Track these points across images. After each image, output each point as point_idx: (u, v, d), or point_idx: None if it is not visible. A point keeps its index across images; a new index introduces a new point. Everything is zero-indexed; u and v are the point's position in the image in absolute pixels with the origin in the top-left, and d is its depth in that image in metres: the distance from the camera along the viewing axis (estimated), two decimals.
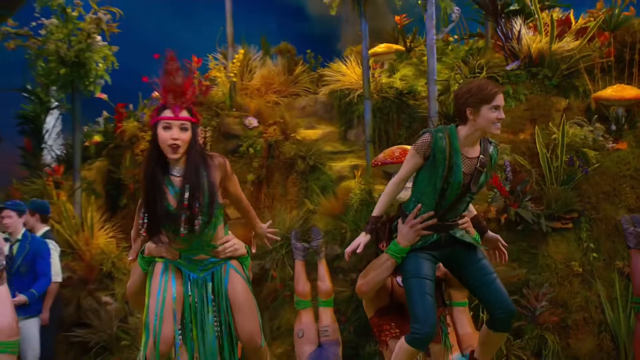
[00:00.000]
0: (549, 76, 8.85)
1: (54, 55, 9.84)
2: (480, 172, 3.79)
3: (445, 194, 3.77)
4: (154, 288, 3.73)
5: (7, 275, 7.13)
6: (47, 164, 11.43)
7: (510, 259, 7.48)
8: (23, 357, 7.31)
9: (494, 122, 3.79)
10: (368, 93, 9.50)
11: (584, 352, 7.31)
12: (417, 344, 3.61)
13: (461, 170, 3.75)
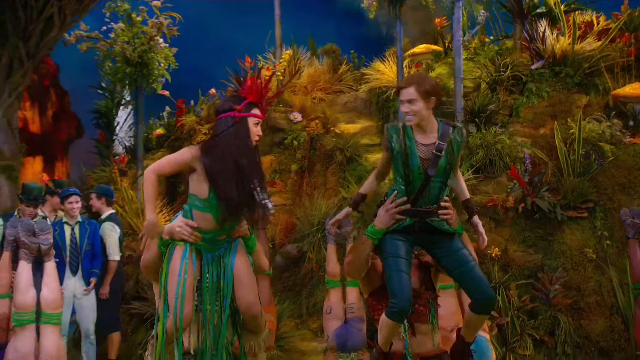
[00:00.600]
0: (570, 75, 8.88)
1: (120, 56, 10.23)
2: (438, 156, 3.78)
3: (409, 179, 3.80)
4: (174, 269, 3.82)
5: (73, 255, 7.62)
6: (117, 154, 11.91)
7: (527, 245, 7.68)
8: (81, 326, 7.73)
9: (404, 116, 3.86)
10: None
11: (596, 332, 7.34)
12: (394, 317, 3.70)
13: (417, 156, 3.77)
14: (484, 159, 8.25)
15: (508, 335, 7.27)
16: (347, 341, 6.41)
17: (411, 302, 3.72)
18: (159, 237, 3.94)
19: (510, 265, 7.56)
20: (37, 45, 9.99)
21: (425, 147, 3.79)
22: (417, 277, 4.19)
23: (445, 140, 3.80)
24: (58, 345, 5.38)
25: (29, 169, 21.09)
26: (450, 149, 3.82)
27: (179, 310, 3.78)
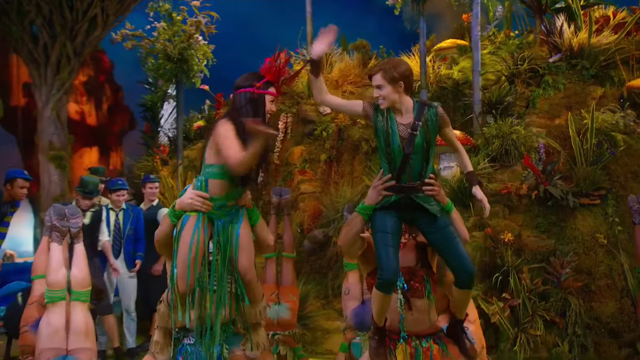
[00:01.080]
0: (587, 67, 8.81)
1: (162, 53, 10.54)
2: (414, 134, 3.80)
3: (391, 158, 3.83)
4: (186, 237, 3.87)
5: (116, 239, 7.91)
6: (160, 145, 12.22)
7: (540, 231, 7.68)
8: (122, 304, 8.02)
9: (376, 99, 3.90)
10: (424, 84, 9.71)
11: (606, 314, 7.28)
12: (383, 288, 3.74)
13: (397, 134, 3.81)
14: (499, 148, 8.24)
15: (520, 316, 7.28)
16: (364, 320, 6.51)
17: (397, 274, 3.77)
18: (171, 209, 4.05)
19: (524, 249, 7.52)
20: (82, 44, 10.32)
21: (404, 126, 3.83)
22: (414, 256, 4.17)
23: (421, 119, 3.83)
24: (86, 321, 5.57)
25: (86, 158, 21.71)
26: (426, 127, 3.84)
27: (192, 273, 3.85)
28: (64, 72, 10.28)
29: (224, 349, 3.99)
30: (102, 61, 22.16)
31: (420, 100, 3.97)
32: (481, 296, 7.40)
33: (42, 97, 10.43)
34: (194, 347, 3.97)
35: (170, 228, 4.02)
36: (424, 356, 3.92)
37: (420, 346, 3.93)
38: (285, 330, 6.82)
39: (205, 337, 3.93)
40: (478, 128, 8.79)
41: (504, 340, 7.30)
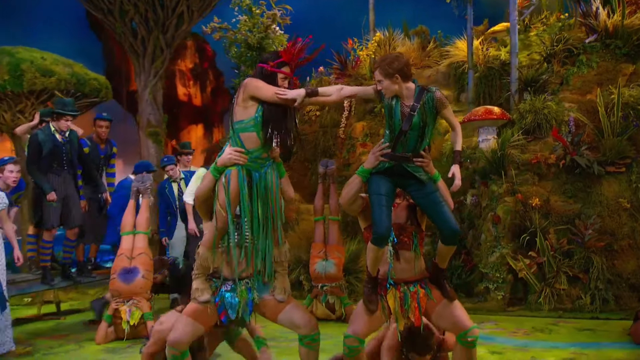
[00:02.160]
0: (619, 46, 8.65)
1: (243, 42, 11.03)
2: (412, 114, 3.95)
3: (392, 130, 4.01)
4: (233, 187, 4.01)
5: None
6: None
7: (567, 196, 7.75)
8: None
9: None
10: (471, 65, 9.78)
11: (628, 271, 7.33)
12: (376, 242, 3.90)
13: (399, 112, 3.97)
14: (532, 122, 8.29)
15: (546, 272, 7.40)
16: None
17: (390, 230, 3.93)
18: (213, 165, 4.13)
19: (551, 213, 7.60)
20: (172, 37, 10.91)
21: (406, 106, 3.99)
22: (405, 215, 4.36)
23: (419, 102, 3.98)
24: (145, 245, 6.87)
25: (193, 134, 22.67)
26: (423, 109, 3.99)
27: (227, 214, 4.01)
28: (157, 62, 10.93)
29: (255, 295, 4.14)
30: (205, 50, 22.96)
31: (421, 86, 4.08)
32: (510, 254, 7.57)
33: (141, 83, 11.16)
34: (230, 294, 4.10)
35: (211, 183, 4.13)
36: (412, 299, 4.07)
37: (408, 291, 4.09)
38: (332, 282, 7.22)
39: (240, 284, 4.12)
40: (514, 104, 8.85)
41: (532, 294, 7.46)
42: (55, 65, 9.64)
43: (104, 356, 5.99)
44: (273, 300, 4.18)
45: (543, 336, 6.26)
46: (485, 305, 7.61)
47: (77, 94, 9.70)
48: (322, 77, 11.76)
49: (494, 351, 5.70)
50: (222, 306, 4.05)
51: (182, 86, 22.06)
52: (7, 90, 9.38)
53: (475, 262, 7.93)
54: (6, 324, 5.82)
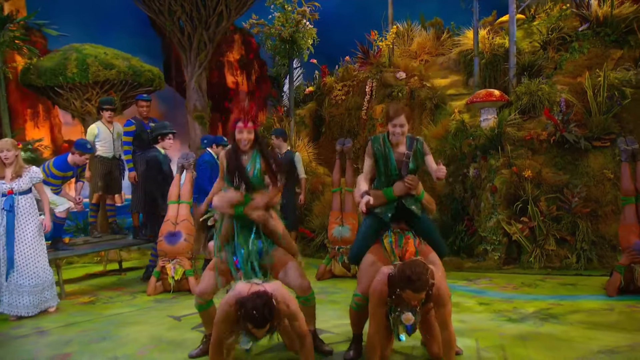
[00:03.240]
0: (609, 34, 8.65)
1: (277, 36, 11.28)
2: (407, 161, 4.20)
3: (388, 177, 4.25)
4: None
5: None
6: (283, 105, 13.00)
7: (557, 168, 7.85)
8: None
9: (394, 134, 4.22)
10: (477, 52, 9.86)
11: (610, 233, 7.40)
12: (350, 260, 4.55)
13: (394, 160, 4.21)
14: (527, 103, 8.37)
15: (537, 235, 7.56)
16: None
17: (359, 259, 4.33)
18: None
19: (542, 183, 7.69)
20: (214, 32, 11.20)
21: (399, 154, 4.25)
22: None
23: (411, 150, 4.25)
24: (187, 213, 7.23)
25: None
26: (415, 156, 4.26)
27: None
28: (202, 55, 11.27)
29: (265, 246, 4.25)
30: (251, 43, 23.31)
31: (410, 135, 4.33)
32: (505, 220, 7.74)
33: (188, 74, 11.55)
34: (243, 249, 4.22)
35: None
36: (405, 239, 4.25)
37: (402, 234, 4.28)
38: (347, 245, 7.46)
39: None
40: (512, 87, 8.94)
41: (524, 254, 7.61)
42: (115, 59, 10.08)
43: (153, 305, 6.44)
44: (282, 251, 4.34)
45: (529, 290, 6.44)
46: (484, 264, 7.80)
47: (134, 84, 10.12)
48: (347, 65, 11.96)
49: (482, 302, 5.93)
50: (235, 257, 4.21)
51: (230, 75, 22.50)
52: (76, 81, 9.85)
53: (476, 227, 8.11)
54: (50, 282, 6.13)
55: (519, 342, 4.49)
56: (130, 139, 8.21)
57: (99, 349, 4.72)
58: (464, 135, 8.59)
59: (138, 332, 5.24)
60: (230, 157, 4.23)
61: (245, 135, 4.15)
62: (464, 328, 4.93)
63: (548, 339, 4.55)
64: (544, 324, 4.99)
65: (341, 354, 4.31)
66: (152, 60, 11.89)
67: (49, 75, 9.72)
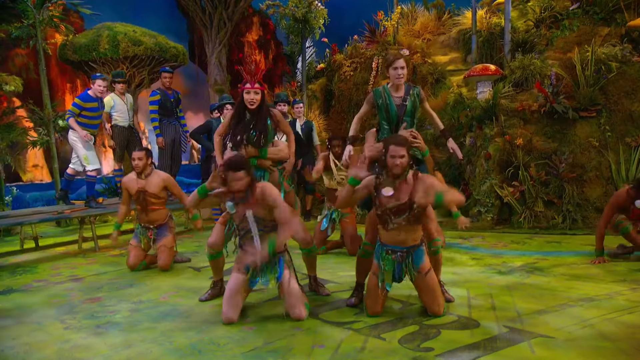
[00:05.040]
0: (597, 12, 8.43)
1: (291, 16, 11.13)
2: (405, 105, 4.15)
3: (390, 121, 4.19)
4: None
5: None
6: (297, 81, 12.86)
7: (547, 137, 7.72)
8: None
9: (395, 77, 4.13)
10: (475, 31, 9.63)
11: (594, 196, 7.34)
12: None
13: (393, 104, 4.16)
14: (520, 77, 8.21)
15: (526, 198, 7.48)
16: None
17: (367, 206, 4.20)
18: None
19: (533, 151, 7.58)
20: (233, 12, 11.05)
21: (397, 99, 4.19)
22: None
23: (408, 95, 4.19)
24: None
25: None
26: (413, 99, 4.20)
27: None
28: (221, 32, 11.14)
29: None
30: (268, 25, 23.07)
31: (408, 83, 4.28)
32: (498, 184, 7.66)
33: (209, 50, 11.43)
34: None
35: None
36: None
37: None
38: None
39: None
40: (506, 62, 8.75)
41: (515, 215, 7.55)
42: (143, 36, 9.98)
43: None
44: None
45: (517, 247, 6.38)
46: (478, 225, 7.73)
47: (160, 59, 10.04)
48: (356, 44, 11.77)
49: (474, 257, 5.89)
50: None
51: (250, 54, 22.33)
52: (108, 56, 9.79)
53: (471, 190, 8.03)
54: None
55: (506, 291, 4.44)
56: (156, 107, 8.13)
57: (126, 294, 4.75)
58: (461, 107, 8.47)
59: (161, 280, 5.26)
60: (237, 114, 4.15)
61: (252, 95, 4.06)
62: (457, 279, 4.89)
63: (532, 288, 4.50)
64: (529, 276, 4.93)
65: (344, 301, 4.28)
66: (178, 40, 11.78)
67: (83, 50, 9.66)
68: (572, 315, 3.71)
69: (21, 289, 5.09)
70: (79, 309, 4.32)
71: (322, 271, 5.26)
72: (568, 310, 3.83)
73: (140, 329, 3.75)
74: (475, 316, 3.80)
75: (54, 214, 7.12)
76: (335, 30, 12.24)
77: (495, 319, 3.71)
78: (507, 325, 3.55)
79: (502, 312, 3.87)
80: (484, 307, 4.01)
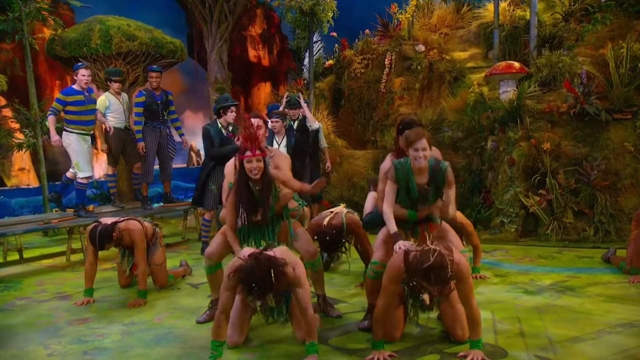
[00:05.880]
0: (632, 4, 8.24)
1: (298, 9, 11.03)
2: (427, 191, 3.93)
3: (410, 201, 3.98)
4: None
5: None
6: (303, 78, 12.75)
7: (577, 141, 7.57)
8: None
9: (416, 158, 3.83)
10: (497, 24, 9.51)
11: (629, 206, 7.13)
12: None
13: (415, 190, 3.92)
14: (548, 75, 8.07)
15: (554, 208, 7.32)
16: None
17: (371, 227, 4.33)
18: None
19: (561, 156, 7.41)
20: (234, 4, 10.97)
21: (420, 185, 3.95)
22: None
23: (433, 181, 3.94)
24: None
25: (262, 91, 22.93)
26: (437, 184, 3.96)
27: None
28: (222, 27, 11.07)
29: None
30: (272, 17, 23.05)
31: (434, 161, 3.97)
32: (523, 192, 7.52)
33: (209, 46, 11.35)
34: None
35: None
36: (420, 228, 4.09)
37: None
38: None
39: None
40: (532, 59, 8.61)
41: (541, 227, 7.39)
42: (138, 31, 9.88)
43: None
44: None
45: (545, 262, 6.24)
46: (500, 237, 7.59)
47: (156, 55, 9.94)
48: (367, 39, 11.68)
49: (498, 274, 5.76)
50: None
51: (252, 49, 22.30)
52: (100, 52, 9.70)
53: (493, 199, 7.89)
54: None
55: (536, 314, 4.31)
56: (140, 110, 8.02)
57: (117, 315, 4.66)
58: (482, 108, 8.34)
59: (156, 299, 5.17)
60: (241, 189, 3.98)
61: (254, 164, 3.89)
62: (480, 300, 4.74)
63: (565, 311, 4.37)
64: (560, 297, 4.80)
65: (356, 324, 4.17)
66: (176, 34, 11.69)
67: (73, 46, 9.57)
68: (611, 344, 3.58)
69: (2, 308, 5.01)
70: (65, 331, 4.23)
71: (331, 288, 5.18)
72: (606, 338, 3.70)
73: (132, 355, 3.65)
74: (502, 343, 3.68)
75: (40, 223, 7.05)
76: (345, 24, 12.14)
77: (524, 347, 3.58)
78: (539, 355, 3.43)
79: (532, 339, 3.75)
80: (511, 333, 3.89)
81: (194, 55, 18.36)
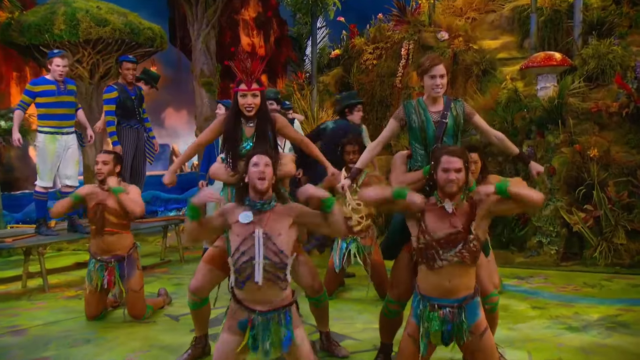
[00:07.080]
0: None
1: None
2: (445, 122, 3.95)
3: (426, 143, 3.99)
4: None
5: None
6: (305, 71, 12.77)
7: (630, 146, 7.55)
8: None
9: (432, 87, 3.93)
10: (534, 8, 9.52)
11: None
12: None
13: (431, 122, 3.96)
14: (595, 68, 8.07)
15: (603, 226, 7.28)
16: None
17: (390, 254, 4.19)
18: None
19: (611, 164, 7.37)
20: None
21: (435, 114, 4.01)
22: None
23: (447, 109, 4.00)
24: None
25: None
26: (454, 113, 4.02)
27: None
28: (210, 10, 11.09)
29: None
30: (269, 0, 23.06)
31: (447, 96, 4.11)
32: (565, 207, 7.49)
33: (194, 33, 11.37)
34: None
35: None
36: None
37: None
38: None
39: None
40: (576, 49, 8.61)
41: (587, 248, 7.36)
42: (110, 14, 9.93)
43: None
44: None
45: (593, 292, 6.20)
46: (538, 260, 7.57)
47: (132, 43, 9.98)
48: (380, 25, 11.71)
49: (535, 306, 5.72)
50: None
51: (245, 36, 22.32)
52: (64, 39, 9.72)
53: (529, 215, 7.86)
54: None
55: (581, 355, 4.28)
56: (112, 107, 7.80)
57: (81, 354, 4.62)
58: (516, 107, 8.36)
59: (128, 333, 5.13)
60: (229, 125, 4.11)
61: (249, 99, 3.99)
62: (515, 337, 4.73)
63: (617, 353, 4.32)
64: (612, 335, 4.75)
65: None
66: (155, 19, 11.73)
67: (33, 32, 9.60)
68: None
69: None
70: None
71: (338, 321, 5.16)
72: None
73: None
74: None
75: None
76: (355, 7, 12.20)
77: None
78: None
79: None
80: None
81: (176, 43, 18.41)
